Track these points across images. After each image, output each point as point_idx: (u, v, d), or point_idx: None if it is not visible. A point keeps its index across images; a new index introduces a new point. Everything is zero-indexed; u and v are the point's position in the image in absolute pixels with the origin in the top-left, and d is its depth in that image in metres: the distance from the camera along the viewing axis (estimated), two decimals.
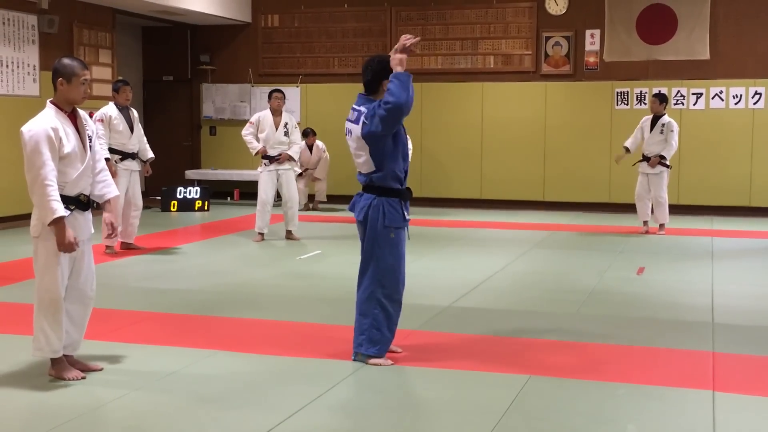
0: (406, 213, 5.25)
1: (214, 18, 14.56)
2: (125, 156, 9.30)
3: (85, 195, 4.91)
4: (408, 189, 5.28)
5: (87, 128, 4.94)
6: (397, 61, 5.00)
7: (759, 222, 12.17)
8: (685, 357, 5.43)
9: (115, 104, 9.25)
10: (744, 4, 13.18)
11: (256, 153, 10.27)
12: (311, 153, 13.83)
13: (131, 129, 9.32)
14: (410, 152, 8.89)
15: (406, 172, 5.27)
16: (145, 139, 9.62)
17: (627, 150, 11.21)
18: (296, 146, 10.43)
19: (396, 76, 4.96)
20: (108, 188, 5.08)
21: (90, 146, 4.91)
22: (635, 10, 13.50)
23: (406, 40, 5.04)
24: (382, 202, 5.17)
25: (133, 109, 9.50)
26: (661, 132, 10.90)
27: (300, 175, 13.32)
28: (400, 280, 5.26)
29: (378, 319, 5.19)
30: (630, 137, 11.27)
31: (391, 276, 5.21)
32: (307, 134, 13.81)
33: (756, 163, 13.02)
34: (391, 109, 4.93)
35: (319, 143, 13.90)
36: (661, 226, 11.16)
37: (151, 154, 9.65)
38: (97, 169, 5.02)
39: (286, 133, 10.27)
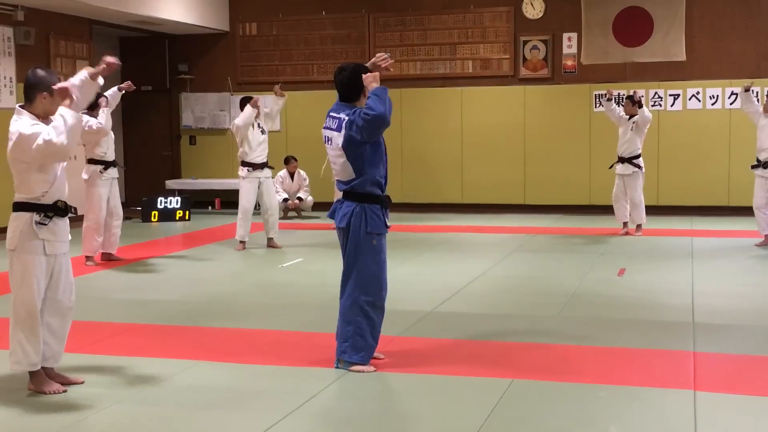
0: (387, 220, 5.27)
1: (192, 27, 14.53)
2: (107, 165, 9.26)
3: (62, 201, 4.88)
4: (387, 196, 5.30)
5: None
6: (371, 79, 5.12)
7: (738, 221, 12.24)
8: (666, 357, 5.46)
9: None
10: (719, 4, 13.28)
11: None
12: (293, 180, 13.78)
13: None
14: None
15: (385, 179, 5.29)
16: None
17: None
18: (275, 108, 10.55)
19: (373, 92, 5.04)
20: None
21: None
22: (611, 12, 13.58)
23: (380, 60, 5.28)
24: (364, 208, 5.17)
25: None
26: (632, 129, 11.00)
27: (285, 201, 13.35)
28: (383, 287, 5.27)
29: (362, 326, 5.19)
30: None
31: (374, 283, 5.22)
32: (289, 161, 13.76)
33: (734, 162, 13.10)
34: (371, 120, 4.97)
35: (301, 172, 13.76)
36: (638, 226, 11.23)
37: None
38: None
39: (263, 131, 10.29)
